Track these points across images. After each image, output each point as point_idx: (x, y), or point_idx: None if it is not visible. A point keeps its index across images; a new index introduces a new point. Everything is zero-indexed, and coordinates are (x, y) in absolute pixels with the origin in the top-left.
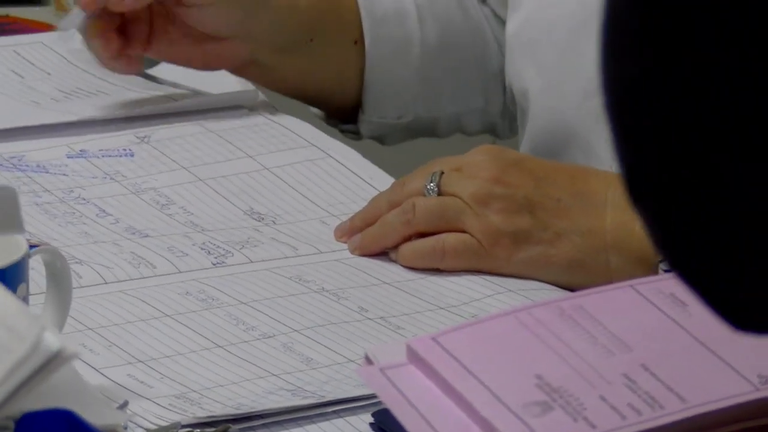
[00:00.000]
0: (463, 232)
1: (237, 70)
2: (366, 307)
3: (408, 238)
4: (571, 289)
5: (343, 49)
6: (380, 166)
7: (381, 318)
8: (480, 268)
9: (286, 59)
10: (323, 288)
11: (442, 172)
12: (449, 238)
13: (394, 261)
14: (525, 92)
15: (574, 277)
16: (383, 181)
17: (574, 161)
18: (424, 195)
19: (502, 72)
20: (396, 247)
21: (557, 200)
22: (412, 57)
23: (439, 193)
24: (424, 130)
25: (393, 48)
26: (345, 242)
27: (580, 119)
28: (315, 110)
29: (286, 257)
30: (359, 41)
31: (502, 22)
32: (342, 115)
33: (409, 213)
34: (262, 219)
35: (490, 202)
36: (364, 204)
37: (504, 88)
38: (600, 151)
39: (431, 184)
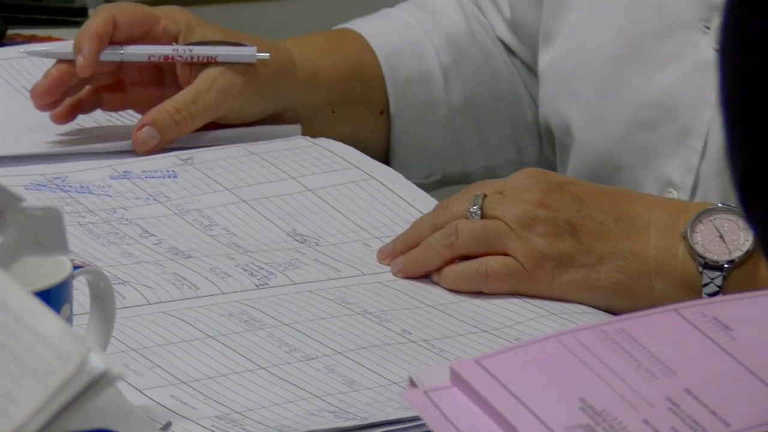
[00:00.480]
0: (507, 255)
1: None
2: (409, 330)
3: (451, 261)
4: (614, 313)
5: (369, 119)
6: None
7: (424, 341)
8: (523, 292)
9: (307, 128)
10: (366, 310)
11: (485, 195)
12: (492, 262)
13: (437, 284)
14: (566, 128)
15: (617, 301)
16: (426, 202)
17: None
18: (468, 218)
19: (536, 121)
20: (439, 270)
21: (600, 223)
22: (438, 118)
23: (483, 216)
24: (458, 184)
25: (418, 111)
26: (387, 264)
27: (625, 154)
28: None
29: (329, 279)
30: (385, 111)
31: (534, 72)
32: None
33: (452, 236)
34: (305, 241)
35: (533, 225)
36: (407, 226)
37: (540, 135)
38: (647, 187)
39: (474, 207)
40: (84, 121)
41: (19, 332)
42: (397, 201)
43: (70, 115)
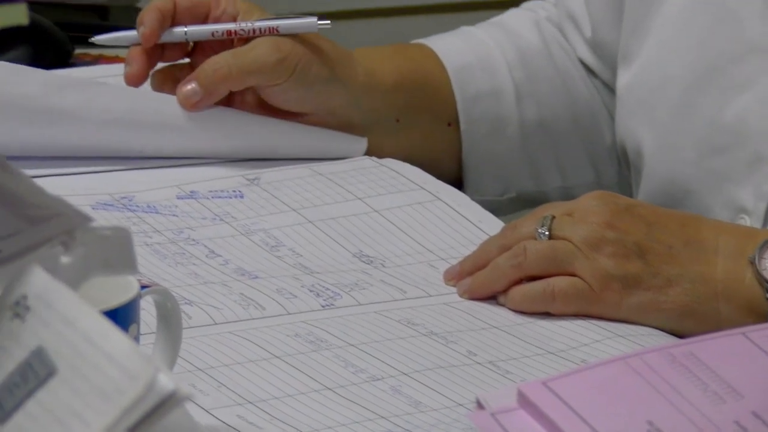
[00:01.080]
0: (574, 275)
1: None
2: (474, 351)
3: (518, 282)
4: (680, 336)
5: (436, 131)
6: None
7: (490, 362)
8: (589, 313)
9: (375, 139)
10: (432, 331)
11: (554, 217)
12: (559, 282)
13: (503, 305)
14: (639, 150)
15: (684, 325)
16: (492, 224)
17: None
18: (536, 239)
19: (615, 144)
20: (505, 291)
21: (668, 246)
22: (509, 135)
23: (550, 237)
24: (535, 202)
25: (488, 126)
26: (453, 286)
27: (696, 179)
28: None
29: (395, 300)
30: (453, 123)
31: (614, 92)
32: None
33: (520, 256)
34: (371, 262)
35: (601, 246)
36: (473, 247)
37: (618, 158)
38: (718, 212)
39: (542, 228)
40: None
41: (88, 351)
42: (463, 222)
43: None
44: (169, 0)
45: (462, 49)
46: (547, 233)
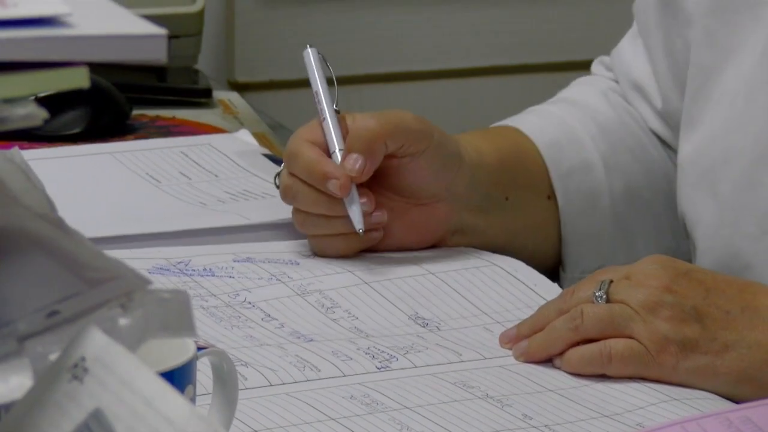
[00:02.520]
0: (631, 338)
1: (445, 240)
2: (530, 415)
3: (575, 345)
4: (736, 401)
5: (539, 205)
6: None
7: (545, 426)
8: (646, 376)
9: (488, 220)
10: (487, 394)
11: (611, 281)
12: (616, 344)
13: (559, 368)
14: (699, 222)
15: (740, 390)
16: (548, 288)
17: None
18: (593, 302)
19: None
20: (561, 353)
21: (726, 312)
22: (603, 207)
23: (608, 301)
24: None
25: (584, 201)
26: (510, 349)
27: (756, 255)
28: None
29: (450, 362)
30: (552, 197)
31: None
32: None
33: (577, 319)
34: (427, 324)
35: (658, 309)
36: (529, 311)
37: None
38: None
39: (600, 292)
40: (207, 199)
41: (147, 414)
42: (518, 286)
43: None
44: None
45: (545, 126)
46: (604, 296)
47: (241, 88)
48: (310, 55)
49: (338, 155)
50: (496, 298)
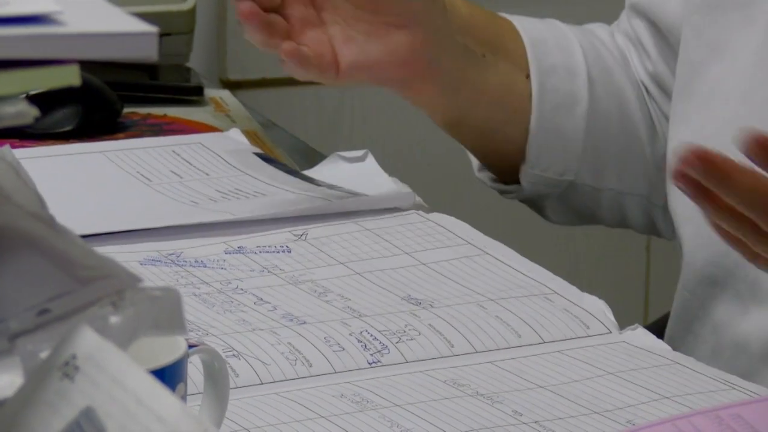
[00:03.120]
0: None
1: (419, 79)
2: (520, 411)
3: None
4: None
5: (516, 78)
6: None
7: (535, 422)
8: None
9: (464, 67)
10: (478, 392)
11: None
12: None
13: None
14: (688, 220)
15: None
16: (542, 274)
17: (738, 294)
18: None
19: (664, 168)
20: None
21: None
22: (578, 114)
23: None
24: (585, 204)
25: (560, 100)
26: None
27: None
28: (474, 162)
29: (442, 357)
30: (529, 78)
31: (667, 117)
32: (499, 163)
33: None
34: (420, 303)
35: None
36: (523, 291)
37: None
38: (766, 286)
39: None
40: (198, 197)
41: (138, 412)
42: (511, 272)
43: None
44: None
45: (538, 26)
46: None
47: (232, 85)
48: None
49: None
50: (489, 281)
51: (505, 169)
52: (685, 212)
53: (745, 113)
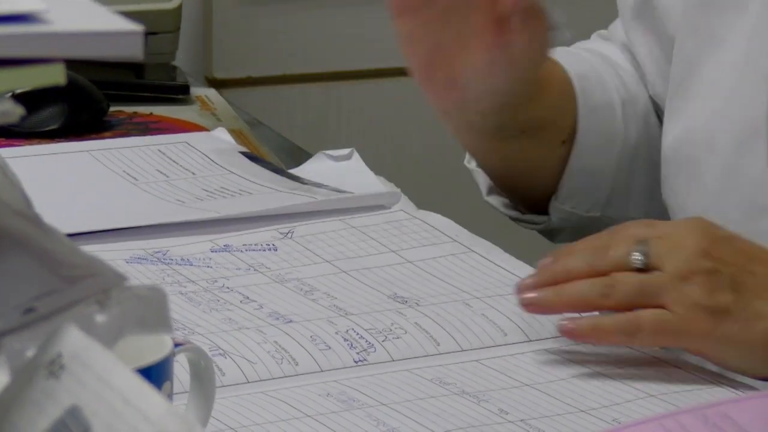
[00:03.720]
0: (662, 308)
1: (479, 113)
2: (506, 410)
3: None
4: (756, 378)
5: (551, 149)
6: None
7: (521, 420)
8: (677, 345)
9: (492, 143)
10: (463, 390)
11: (647, 240)
12: (645, 314)
13: (569, 331)
14: (683, 210)
15: (765, 363)
16: (528, 272)
17: None
18: (629, 264)
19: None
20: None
21: (765, 280)
22: (615, 152)
23: (646, 263)
24: (599, 230)
25: (600, 140)
26: (524, 296)
27: None
28: (484, 184)
29: (428, 355)
30: (567, 141)
31: None
32: (529, 204)
33: (609, 287)
34: (406, 301)
35: (694, 276)
36: (508, 289)
37: None
38: (757, 270)
39: (637, 254)
40: (184, 196)
41: (124, 411)
42: (497, 270)
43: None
44: None
45: (573, 61)
46: (641, 259)
47: (218, 84)
48: None
49: None
50: (475, 279)
51: (525, 200)
52: (678, 202)
53: (734, 102)
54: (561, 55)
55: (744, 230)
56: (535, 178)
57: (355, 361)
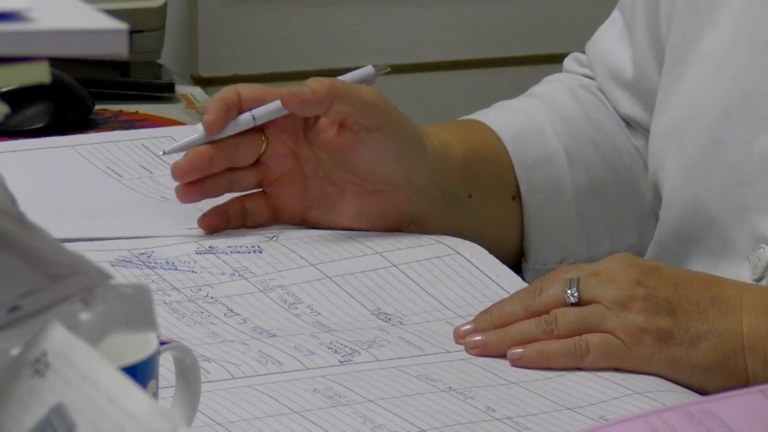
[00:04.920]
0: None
1: (400, 229)
2: (493, 407)
3: None
4: (706, 393)
5: (503, 205)
6: None
7: (508, 418)
8: (622, 367)
9: (447, 214)
10: (450, 387)
11: (579, 279)
12: (592, 338)
13: (516, 361)
14: (666, 176)
15: (714, 380)
16: (510, 280)
17: (710, 250)
18: (564, 302)
19: (654, 206)
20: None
21: (696, 304)
22: (567, 200)
23: (579, 299)
24: None
25: (547, 193)
26: (461, 344)
27: (721, 209)
28: None
29: (413, 356)
30: (516, 197)
31: None
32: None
33: (552, 324)
34: (389, 319)
35: (631, 303)
36: (490, 303)
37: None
38: (738, 242)
39: (571, 290)
40: (168, 192)
41: (108, 409)
42: (481, 278)
43: (198, 193)
44: (232, 90)
45: (509, 118)
46: (576, 294)
47: (204, 82)
48: None
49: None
50: (459, 291)
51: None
52: (663, 169)
53: (721, 74)
54: (497, 113)
55: (724, 199)
56: (506, 241)
57: (340, 362)
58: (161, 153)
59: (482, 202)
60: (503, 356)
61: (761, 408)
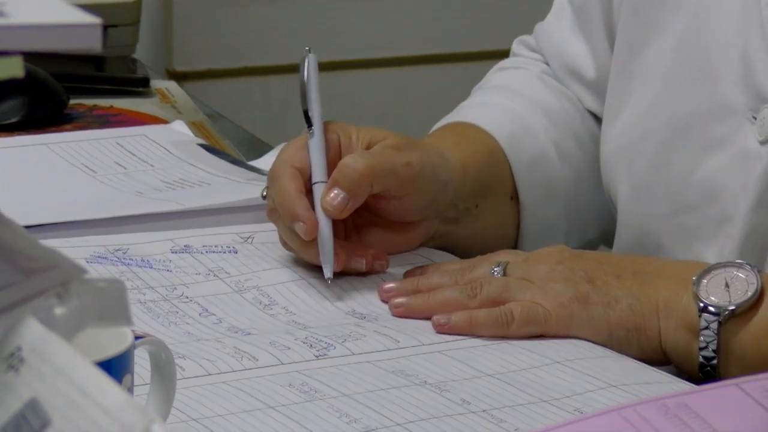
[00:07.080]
0: None
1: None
2: (468, 400)
3: None
4: (623, 354)
5: (503, 208)
6: None
7: (483, 411)
8: (545, 332)
9: (457, 227)
10: (425, 381)
11: (508, 262)
12: (515, 306)
13: (442, 326)
14: (616, 197)
15: (630, 340)
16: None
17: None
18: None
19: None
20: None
21: (617, 276)
22: (559, 197)
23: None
24: None
25: (542, 192)
26: (386, 301)
27: (667, 234)
28: None
29: (389, 349)
30: (514, 197)
31: None
32: None
33: (476, 289)
34: (364, 317)
35: (552, 277)
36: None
37: None
38: (700, 232)
39: (497, 268)
40: (143, 188)
41: (83, 403)
42: None
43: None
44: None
45: (500, 118)
46: (501, 272)
47: (179, 77)
48: (310, 63)
49: (320, 187)
50: None
51: None
52: (614, 190)
53: (665, 95)
54: (485, 114)
55: (669, 225)
56: (501, 243)
57: (316, 356)
58: (328, 280)
59: (487, 210)
60: (427, 319)
61: (736, 401)
